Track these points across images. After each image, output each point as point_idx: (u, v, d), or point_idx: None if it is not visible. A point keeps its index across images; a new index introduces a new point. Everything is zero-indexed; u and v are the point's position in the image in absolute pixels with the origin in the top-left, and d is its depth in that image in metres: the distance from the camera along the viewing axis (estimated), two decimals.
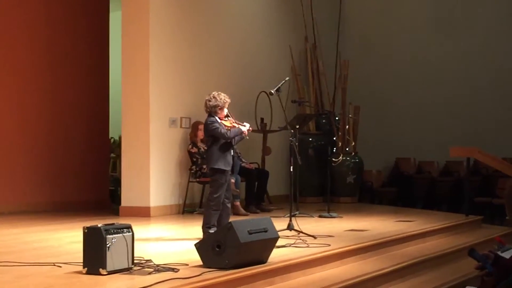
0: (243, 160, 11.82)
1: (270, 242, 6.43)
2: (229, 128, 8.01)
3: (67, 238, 8.09)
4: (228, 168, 7.87)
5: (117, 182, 13.41)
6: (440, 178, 15.26)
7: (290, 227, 8.29)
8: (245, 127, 8.06)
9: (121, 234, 5.72)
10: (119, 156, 13.26)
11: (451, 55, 15.53)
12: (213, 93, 8.02)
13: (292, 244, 7.50)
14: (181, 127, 11.67)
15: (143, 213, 10.87)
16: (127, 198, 11.18)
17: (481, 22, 15.42)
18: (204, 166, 10.78)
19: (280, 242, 6.88)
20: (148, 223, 10.21)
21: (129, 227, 5.86)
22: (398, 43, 16.04)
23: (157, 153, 11.17)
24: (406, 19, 16.08)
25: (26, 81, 12.04)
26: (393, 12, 16.26)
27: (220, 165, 7.81)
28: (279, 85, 8.92)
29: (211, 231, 7.52)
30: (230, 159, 7.91)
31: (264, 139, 13.10)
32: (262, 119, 13.10)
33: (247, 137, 8.15)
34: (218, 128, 7.83)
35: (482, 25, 15.39)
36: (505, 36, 15.20)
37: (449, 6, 15.73)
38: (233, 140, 8.00)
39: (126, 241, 5.73)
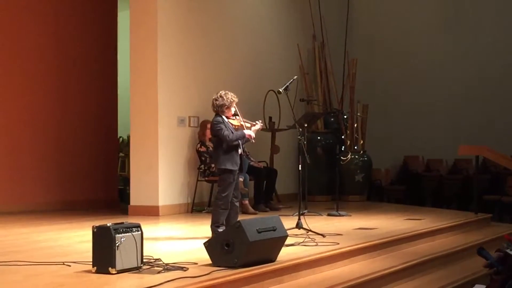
0: (252, 159, 11.82)
1: (279, 241, 6.43)
2: (236, 127, 7.99)
3: (76, 238, 8.12)
4: (236, 168, 7.84)
5: (126, 181, 13.44)
6: (448, 176, 15.23)
7: (299, 226, 8.29)
8: (257, 126, 8.04)
9: (130, 233, 5.73)
10: (127, 155, 13.29)
11: (459, 53, 15.50)
12: (220, 92, 7.99)
13: (301, 242, 7.49)
14: (189, 126, 11.69)
15: (152, 212, 10.89)
16: (136, 197, 11.20)
17: (489, 21, 15.38)
18: (213, 165, 10.79)
19: (289, 240, 6.88)
20: (157, 222, 10.22)
21: (138, 226, 5.87)
22: (406, 41, 16.01)
23: (165, 152, 11.19)
24: (414, 17, 16.06)
25: (35, 81, 12.07)
26: (401, 11, 16.24)
27: (228, 165, 7.79)
28: (288, 84, 8.91)
29: (220, 230, 7.52)
30: (237, 158, 7.87)
31: (273, 137, 13.11)
32: (270, 118, 13.10)
33: (253, 141, 8.11)
34: (222, 129, 7.79)
35: (490, 23, 15.36)
36: None
37: (457, 5, 15.70)
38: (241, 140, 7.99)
39: (135, 240, 5.75)
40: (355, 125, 14.31)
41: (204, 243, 6.18)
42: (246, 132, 7.94)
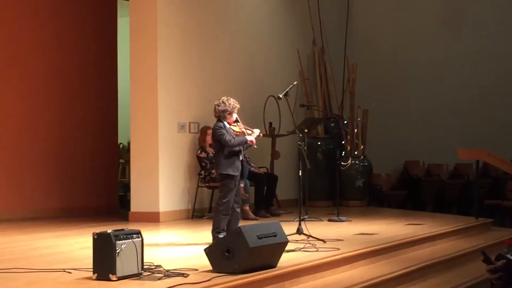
0: (252, 164, 11.82)
1: (280, 247, 6.43)
2: (237, 133, 7.99)
3: (76, 244, 8.11)
4: (237, 173, 7.85)
5: (127, 187, 13.43)
6: (449, 180, 15.22)
7: (299, 231, 8.28)
8: (255, 133, 8.04)
9: (130, 240, 5.72)
10: (128, 161, 13.27)
11: (459, 56, 15.51)
12: (223, 98, 8.01)
13: (302, 248, 7.49)
14: (189, 132, 11.69)
15: (153, 218, 10.88)
16: (137, 203, 11.20)
17: (488, 23, 15.39)
18: (213, 171, 10.78)
19: (289, 246, 6.88)
20: (158, 228, 10.22)
21: (138, 233, 5.87)
22: (405, 45, 16.02)
23: (166, 158, 11.19)
24: (413, 21, 16.06)
25: (35, 87, 12.07)
26: (400, 15, 16.24)
27: (229, 171, 7.79)
28: (287, 89, 8.92)
29: (221, 236, 7.52)
30: (238, 164, 7.89)
31: (273, 143, 13.10)
32: (270, 124, 13.10)
33: (255, 146, 8.12)
34: (224, 134, 7.80)
35: (490, 26, 15.36)
36: None
37: (456, 8, 15.71)
38: (242, 146, 7.99)
39: (135, 246, 5.74)
40: (356, 130, 14.31)
41: (205, 249, 6.18)
42: (248, 138, 7.94)
